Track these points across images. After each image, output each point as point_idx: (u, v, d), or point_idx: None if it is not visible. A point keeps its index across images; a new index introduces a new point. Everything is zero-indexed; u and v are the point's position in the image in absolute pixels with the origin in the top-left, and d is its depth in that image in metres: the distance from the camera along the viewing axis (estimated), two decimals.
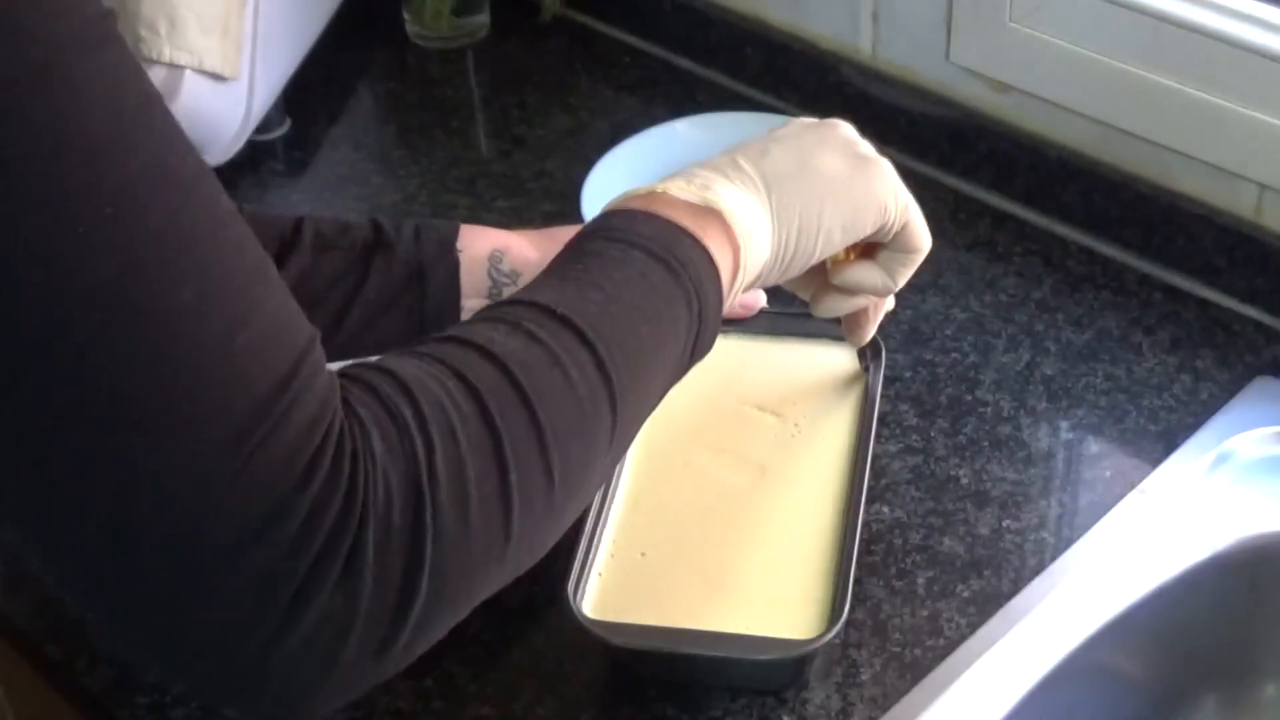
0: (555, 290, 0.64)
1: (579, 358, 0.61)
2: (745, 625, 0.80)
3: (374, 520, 0.54)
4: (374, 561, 0.53)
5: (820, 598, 0.81)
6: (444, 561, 0.55)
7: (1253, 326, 1.03)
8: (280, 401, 0.52)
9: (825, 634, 0.78)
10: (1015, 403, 0.98)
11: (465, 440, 0.56)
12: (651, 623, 0.80)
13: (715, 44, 1.28)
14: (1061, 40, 1.07)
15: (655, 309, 0.66)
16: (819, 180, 0.74)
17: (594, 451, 0.62)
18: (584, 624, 0.79)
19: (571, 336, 0.62)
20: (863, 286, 0.80)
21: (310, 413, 0.53)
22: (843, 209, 0.74)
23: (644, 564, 0.84)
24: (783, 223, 0.72)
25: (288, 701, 0.55)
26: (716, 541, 0.85)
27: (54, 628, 0.88)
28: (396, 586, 0.54)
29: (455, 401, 0.57)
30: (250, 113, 1.16)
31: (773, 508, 0.87)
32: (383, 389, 0.56)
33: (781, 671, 0.81)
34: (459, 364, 0.59)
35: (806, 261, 0.75)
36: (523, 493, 0.58)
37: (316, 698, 0.56)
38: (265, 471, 0.51)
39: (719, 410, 0.92)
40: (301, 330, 0.54)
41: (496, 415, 0.58)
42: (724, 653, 0.79)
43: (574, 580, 0.80)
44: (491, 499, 0.57)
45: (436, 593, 0.56)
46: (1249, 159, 1.01)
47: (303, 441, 0.52)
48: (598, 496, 0.85)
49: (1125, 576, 0.87)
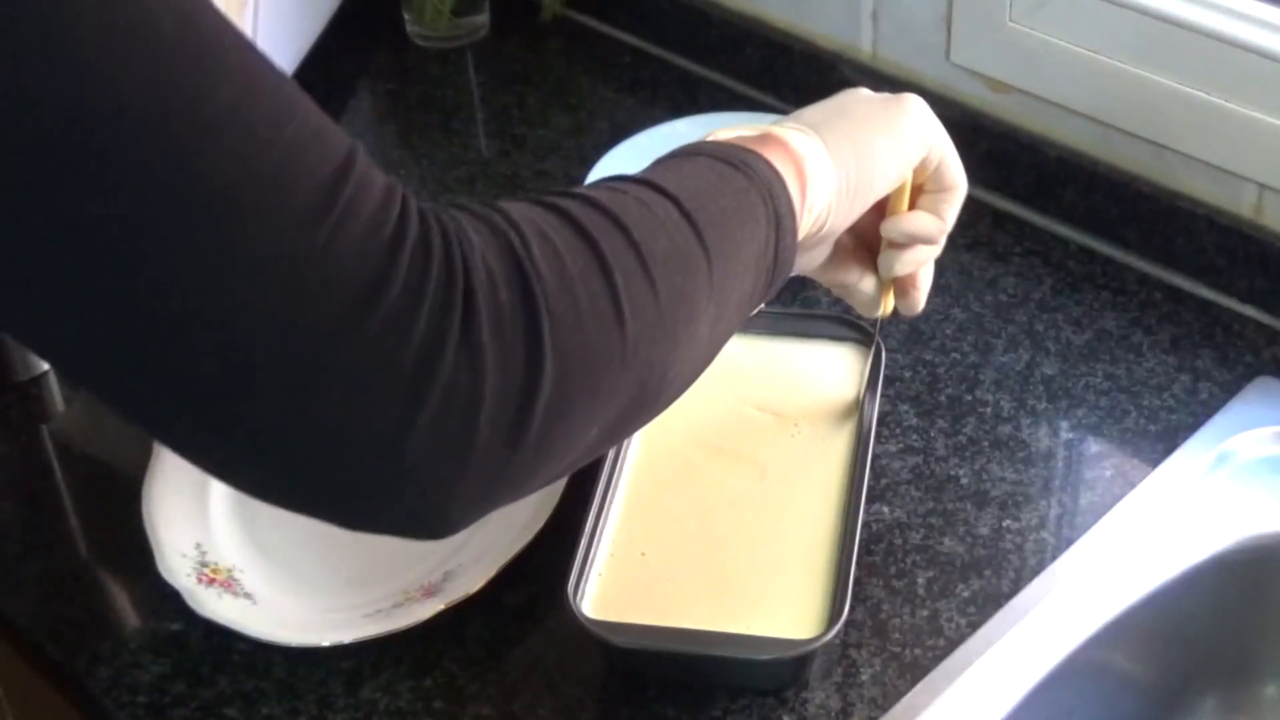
0: (619, 176, 0.65)
1: (661, 202, 0.62)
2: (746, 625, 0.80)
3: (481, 293, 0.53)
4: (491, 333, 0.53)
5: (821, 597, 0.81)
6: (563, 342, 0.55)
7: (1253, 326, 1.03)
8: (345, 182, 0.51)
9: (825, 634, 0.78)
10: (1015, 403, 0.98)
11: (560, 241, 0.57)
12: (652, 622, 0.80)
13: (715, 44, 1.28)
14: (1061, 40, 1.07)
15: (730, 190, 0.65)
16: (859, 119, 0.75)
17: (694, 284, 0.61)
18: (584, 624, 0.79)
19: (649, 189, 0.62)
20: (920, 232, 0.79)
21: (379, 196, 0.52)
22: (890, 137, 0.75)
23: (644, 564, 0.84)
24: (837, 154, 0.73)
25: (430, 498, 0.54)
26: (717, 542, 0.85)
27: (54, 628, 0.89)
28: (520, 360, 0.54)
29: (544, 216, 0.57)
30: None
31: (773, 508, 0.87)
32: (461, 205, 0.57)
33: (782, 671, 0.81)
34: (539, 199, 0.59)
35: (870, 192, 0.75)
36: (628, 293, 0.58)
37: (457, 492, 0.54)
38: (350, 244, 0.51)
39: (719, 411, 0.92)
40: (342, 135, 0.53)
41: (590, 228, 0.58)
42: (725, 652, 0.79)
43: (574, 580, 0.80)
44: (597, 294, 0.57)
45: (562, 377, 0.55)
46: (1249, 159, 1.01)
47: (381, 216, 0.52)
48: (596, 496, 0.85)
49: (1125, 576, 0.87)
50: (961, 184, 0.80)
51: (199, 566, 0.88)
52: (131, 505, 0.91)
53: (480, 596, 0.85)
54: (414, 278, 0.52)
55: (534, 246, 0.56)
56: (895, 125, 0.76)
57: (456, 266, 0.53)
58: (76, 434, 1.02)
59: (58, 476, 0.99)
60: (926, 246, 0.81)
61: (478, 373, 0.53)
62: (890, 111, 0.76)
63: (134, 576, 0.90)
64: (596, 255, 0.58)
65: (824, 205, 0.72)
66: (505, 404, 0.54)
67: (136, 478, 0.93)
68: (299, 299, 0.50)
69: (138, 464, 0.94)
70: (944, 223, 0.80)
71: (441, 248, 0.53)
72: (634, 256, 0.59)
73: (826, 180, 0.71)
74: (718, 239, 0.63)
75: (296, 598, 0.88)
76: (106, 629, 0.88)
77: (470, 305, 0.53)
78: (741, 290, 0.66)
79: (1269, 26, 0.97)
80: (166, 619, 0.87)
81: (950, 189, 0.79)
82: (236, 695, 0.84)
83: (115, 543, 0.93)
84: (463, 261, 0.54)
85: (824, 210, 0.72)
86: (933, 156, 0.78)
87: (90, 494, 0.97)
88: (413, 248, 0.52)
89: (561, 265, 0.56)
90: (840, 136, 0.73)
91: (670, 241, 0.61)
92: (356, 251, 0.51)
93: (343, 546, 0.91)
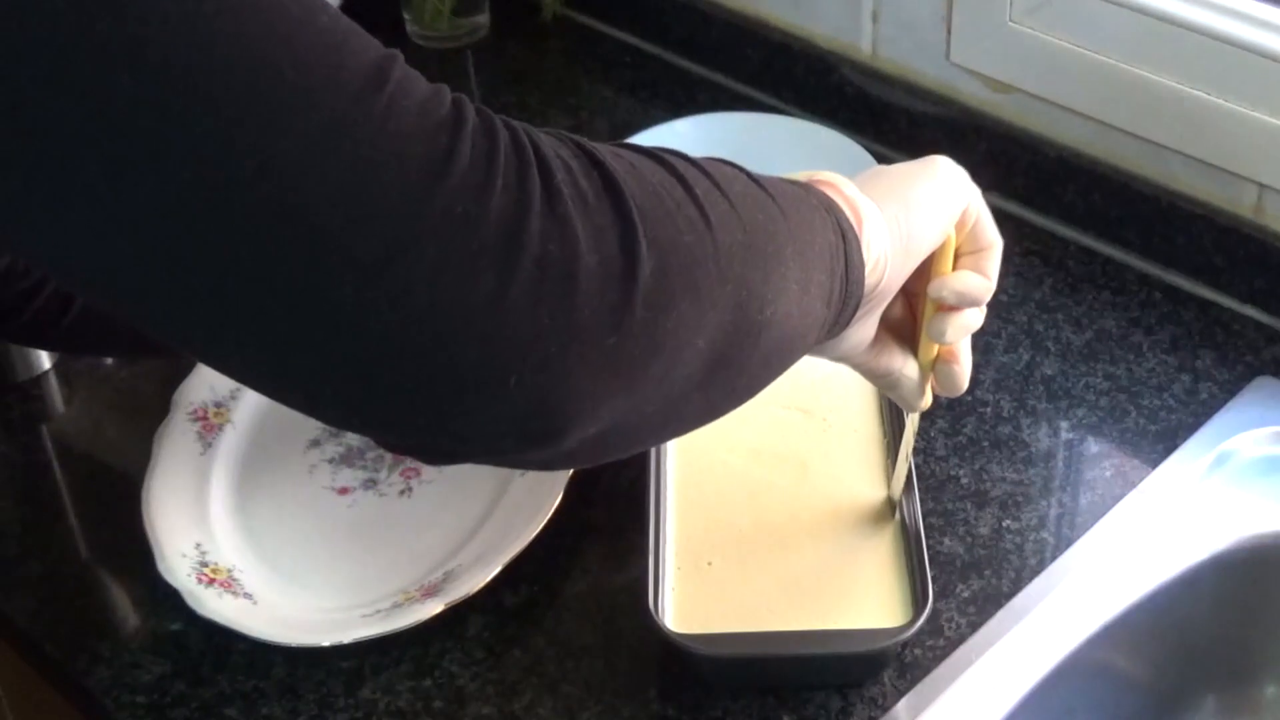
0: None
1: (721, 165, 0.60)
2: (834, 621, 0.81)
3: (560, 175, 0.51)
4: (577, 211, 0.51)
5: (897, 585, 0.82)
6: (654, 234, 0.53)
7: (1253, 326, 1.03)
8: (392, 65, 0.50)
9: (918, 618, 0.79)
10: (1015, 403, 0.98)
11: (630, 156, 0.55)
12: (735, 630, 0.81)
13: (715, 44, 1.28)
14: (1061, 40, 1.07)
15: (789, 189, 0.63)
16: (895, 175, 0.74)
17: (775, 225, 0.59)
18: (677, 642, 0.79)
19: (665, 153, 0.60)
20: (969, 290, 0.77)
21: (428, 86, 0.51)
22: (932, 187, 0.73)
23: (713, 573, 0.84)
24: (884, 204, 0.71)
25: (537, 383, 0.51)
26: (779, 543, 0.86)
27: (54, 628, 0.89)
28: (614, 243, 0.52)
29: (573, 142, 0.55)
30: None
31: (825, 503, 0.88)
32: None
33: (877, 661, 0.82)
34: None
35: (921, 244, 0.73)
36: (711, 207, 0.56)
37: (565, 377, 0.51)
38: (409, 120, 0.49)
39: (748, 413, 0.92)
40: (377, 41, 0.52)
41: (658, 152, 0.57)
42: (825, 650, 0.80)
43: (651, 598, 0.80)
44: (681, 201, 0.55)
45: (660, 268, 0.53)
46: (1249, 159, 1.01)
47: (435, 100, 0.50)
48: (650, 513, 0.85)
49: (1125, 576, 0.87)
50: (999, 241, 0.77)
51: (199, 566, 0.88)
52: (131, 505, 0.91)
53: (480, 596, 0.85)
54: (480, 155, 0.50)
55: (605, 152, 0.54)
56: (934, 178, 0.74)
57: (526, 148, 0.51)
58: (76, 434, 1.02)
59: (58, 476, 0.99)
60: (973, 311, 0.79)
61: (569, 246, 0.51)
62: (924, 168, 0.75)
63: (134, 576, 0.90)
64: (672, 170, 0.56)
65: (880, 251, 0.69)
66: (603, 284, 0.51)
67: (136, 478, 0.93)
68: (364, 171, 0.48)
69: (138, 464, 0.94)
70: (990, 281, 0.78)
71: (507, 133, 0.51)
72: (710, 182, 0.57)
73: (879, 225, 0.69)
74: (789, 206, 0.61)
75: (296, 598, 0.88)
76: (106, 629, 0.88)
77: (549, 184, 0.51)
78: (820, 276, 0.63)
79: (1269, 26, 0.97)
80: (166, 619, 0.87)
81: (988, 246, 0.78)
82: (236, 695, 0.84)
83: (115, 543, 0.93)
84: (533, 148, 0.52)
85: (882, 257, 0.69)
86: (971, 212, 0.77)
87: (90, 494, 0.97)
88: (474, 129, 0.50)
89: (639, 173, 0.54)
90: (884, 190, 0.71)
91: (744, 186, 0.59)
92: (416, 126, 0.49)
93: (343, 547, 0.91)
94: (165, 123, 0.46)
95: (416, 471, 0.95)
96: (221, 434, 0.97)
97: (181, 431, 0.96)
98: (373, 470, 0.96)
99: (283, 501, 0.94)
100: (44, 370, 1.05)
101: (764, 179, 0.62)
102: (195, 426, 0.97)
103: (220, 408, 0.98)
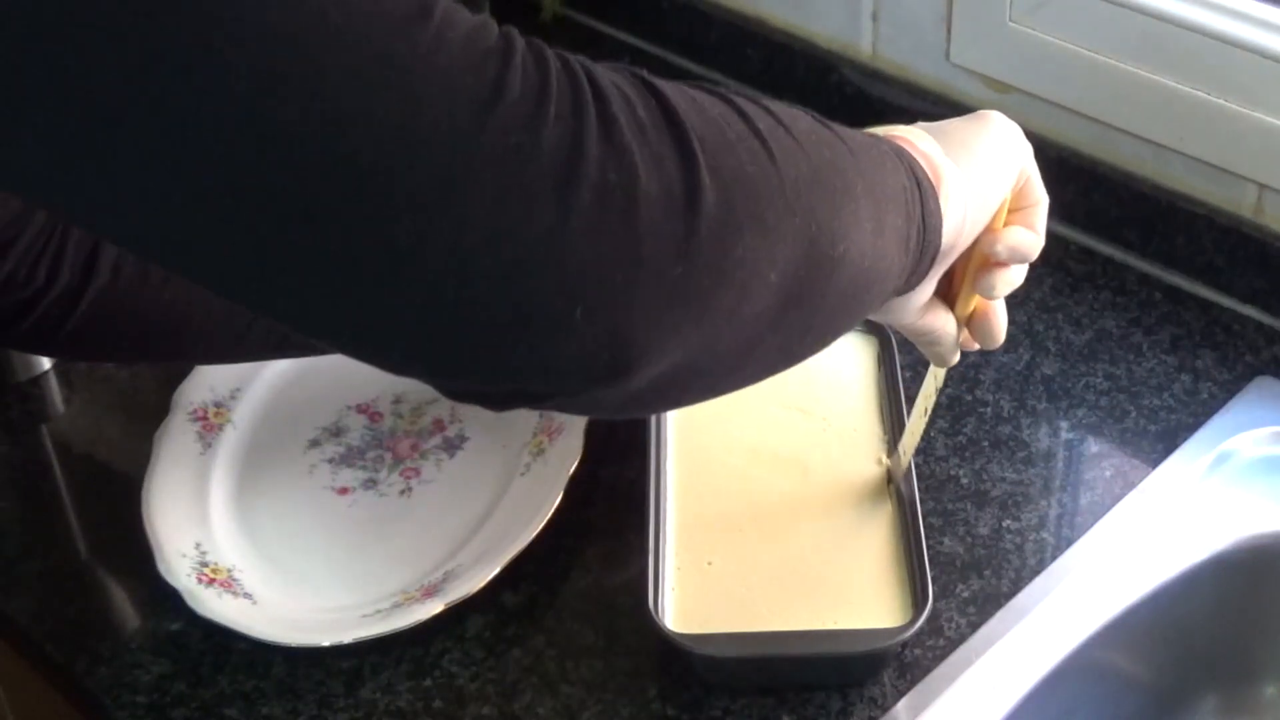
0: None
1: (785, 107, 0.59)
2: (835, 621, 0.81)
3: (615, 103, 0.51)
4: (635, 138, 0.50)
5: (898, 585, 0.83)
6: (716, 164, 0.52)
7: (1253, 326, 1.03)
8: (434, 1, 0.49)
9: (918, 618, 0.79)
10: (1015, 403, 0.98)
11: (690, 90, 0.54)
12: (735, 630, 0.81)
13: (715, 44, 1.28)
14: (1061, 40, 1.06)
15: (858, 136, 0.62)
16: (962, 135, 0.73)
17: (843, 162, 0.58)
18: (677, 641, 0.80)
19: (727, 91, 0.59)
20: (1021, 245, 0.76)
21: (474, 18, 0.50)
22: (995, 146, 0.73)
23: (714, 574, 0.84)
24: (954, 155, 0.70)
25: (605, 313, 0.50)
26: (779, 543, 0.86)
27: (54, 628, 0.89)
28: (675, 172, 0.51)
29: (630, 73, 0.54)
30: None
31: (825, 504, 0.88)
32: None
33: (877, 661, 0.82)
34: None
35: (994, 198, 0.73)
36: (774, 140, 0.55)
37: (632, 307, 0.50)
38: (457, 52, 0.48)
39: (746, 413, 0.93)
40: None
41: (715, 90, 0.56)
42: (825, 650, 0.80)
43: (651, 598, 0.81)
44: (743, 133, 0.54)
45: (723, 198, 0.52)
46: (1249, 159, 1.01)
47: (483, 31, 0.49)
48: (650, 513, 0.85)
49: (1125, 576, 0.87)
50: (1045, 197, 0.78)
51: (199, 566, 0.88)
52: (131, 505, 0.91)
53: (480, 596, 0.85)
54: (531, 85, 0.49)
55: (663, 84, 0.53)
56: (993, 135, 0.74)
57: (580, 76, 0.51)
58: (76, 434, 1.02)
59: (58, 476, 0.99)
60: (1019, 267, 0.79)
61: (627, 174, 0.50)
62: (984, 125, 0.74)
63: (134, 576, 0.90)
64: (733, 106, 0.55)
65: (961, 207, 0.68)
66: (666, 213, 0.50)
67: (136, 478, 0.93)
68: (414, 106, 0.47)
69: (138, 464, 0.94)
70: (1040, 237, 0.77)
71: (559, 63, 0.51)
72: (774, 119, 0.56)
73: (959, 181, 0.69)
74: (857, 147, 0.60)
75: (296, 598, 0.88)
76: (106, 629, 0.88)
77: (605, 112, 0.50)
78: (895, 219, 0.61)
79: (1269, 26, 0.97)
80: (166, 619, 0.87)
81: (1036, 203, 0.78)
82: (236, 695, 0.84)
83: (115, 543, 0.93)
84: (587, 77, 0.51)
85: (963, 213, 0.69)
86: (1026, 168, 0.77)
87: (90, 494, 0.97)
88: (523, 59, 0.50)
89: (700, 105, 0.53)
90: (955, 148, 0.71)
91: (809, 125, 0.58)
92: (463, 57, 0.48)
93: (342, 547, 0.91)
94: (209, 66, 0.45)
95: (416, 472, 0.95)
96: (221, 434, 0.97)
97: (181, 431, 0.96)
98: (373, 470, 0.96)
99: (283, 501, 0.94)
100: (44, 370, 1.05)
101: (831, 123, 0.61)
102: (195, 426, 0.97)
103: (220, 408, 0.98)
